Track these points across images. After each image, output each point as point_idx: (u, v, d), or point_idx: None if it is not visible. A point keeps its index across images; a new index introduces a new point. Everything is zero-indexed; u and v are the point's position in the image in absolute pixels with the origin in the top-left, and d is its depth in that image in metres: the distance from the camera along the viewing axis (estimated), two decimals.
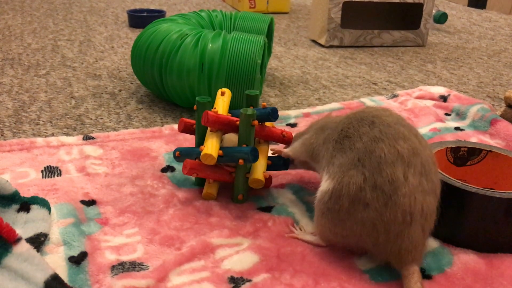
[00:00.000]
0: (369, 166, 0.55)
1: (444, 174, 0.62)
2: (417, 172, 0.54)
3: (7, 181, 0.61)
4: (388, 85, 1.28)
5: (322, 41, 1.64)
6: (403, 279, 0.54)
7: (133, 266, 0.56)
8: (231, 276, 0.55)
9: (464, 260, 0.59)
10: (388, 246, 0.54)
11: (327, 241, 0.61)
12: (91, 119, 0.98)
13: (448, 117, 1.04)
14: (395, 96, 1.14)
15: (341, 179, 0.56)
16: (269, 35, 1.22)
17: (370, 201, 0.54)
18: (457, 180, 0.61)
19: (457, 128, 0.98)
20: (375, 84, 1.28)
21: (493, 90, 1.28)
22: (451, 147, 0.70)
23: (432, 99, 1.13)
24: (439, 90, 1.15)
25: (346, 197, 0.55)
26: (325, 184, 0.58)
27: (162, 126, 0.95)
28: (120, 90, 1.15)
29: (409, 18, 1.72)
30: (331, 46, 1.65)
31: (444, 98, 1.11)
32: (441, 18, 1.95)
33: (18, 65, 1.30)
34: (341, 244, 0.60)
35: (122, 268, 0.55)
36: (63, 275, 0.54)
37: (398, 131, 0.56)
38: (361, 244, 0.57)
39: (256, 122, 0.67)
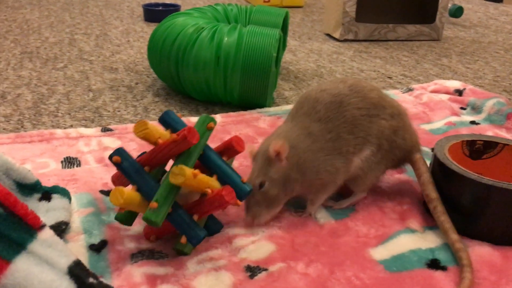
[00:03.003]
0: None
1: (460, 166, 0.63)
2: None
3: (29, 170, 0.63)
4: (403, 79, 1.27)
5: (336, 35, 1.64)
6: (413, 166, 0.68)
7: (152, 254, 0.57)
8: (248, 265, 0.56)
9: (479, 252, 0.59)
10: (403, 144, 0.67)
11: (368, 189, 0.70)
12: (109, 111, 0.99)
13: (464, 111, 1.04)
14: (410, 90, 1.14)
15: (360, 142, 0.65)
16: (284, 28, 1.22)
17: (372, 116, 0.66)
18: (473, 173, 0.61)
19: (472, 122, 0.98)
20: (390, 78, 1.28)
21: (510, 84, 1.27)
22: (467, 140, 0.70)
23: (447, 93, 1.12)
24: (455, 84, 1.15)
25: (376, 139, 0.66)
26: (364, 154, 0.66)
27: None
28: (136, 83, 1.16)
29: (424, 12, 1.71)
30: (345, 40, 1.65)
31: (459, 92, 1.11)
32: (457, 12, 1.93)
33: (36, 58, 1.32)
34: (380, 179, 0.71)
35: (142, 256, 0.57)
36: (84, 262, 0.55)
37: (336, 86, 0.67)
38: (391, 159, 0.68)
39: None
